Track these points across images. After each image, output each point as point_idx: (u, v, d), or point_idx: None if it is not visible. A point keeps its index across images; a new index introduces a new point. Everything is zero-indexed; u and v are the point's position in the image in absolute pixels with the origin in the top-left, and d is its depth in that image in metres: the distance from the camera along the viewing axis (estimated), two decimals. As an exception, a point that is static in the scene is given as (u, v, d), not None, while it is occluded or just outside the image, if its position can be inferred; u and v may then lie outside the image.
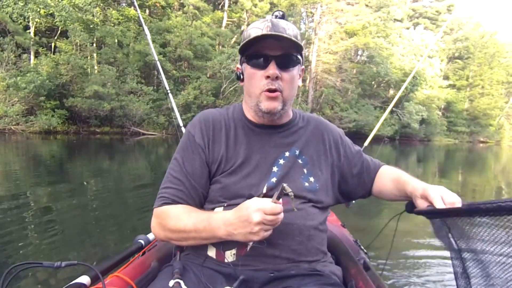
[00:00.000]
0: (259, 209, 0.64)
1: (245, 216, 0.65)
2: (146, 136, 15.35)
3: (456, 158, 15.33)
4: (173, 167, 0.82)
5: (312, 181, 0.82)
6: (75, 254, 2.13)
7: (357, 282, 0.84)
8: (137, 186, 4.72)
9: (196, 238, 0.73)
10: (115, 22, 16.42)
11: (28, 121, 12.68)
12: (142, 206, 3.46)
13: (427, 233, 3.02)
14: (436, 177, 7.91)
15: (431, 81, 30.39)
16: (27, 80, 12.20)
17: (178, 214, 0.76)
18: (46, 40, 15.14)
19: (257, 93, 0.78)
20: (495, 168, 11.46)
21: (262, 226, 0.64)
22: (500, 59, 36.94)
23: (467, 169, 10.65)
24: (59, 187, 4.21)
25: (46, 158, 7.22)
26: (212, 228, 0.71)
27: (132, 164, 7.38)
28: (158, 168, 6.91)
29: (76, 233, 2.59)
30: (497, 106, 36.04)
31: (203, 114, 0.87)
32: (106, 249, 2.27)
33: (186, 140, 0.84)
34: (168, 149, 11.95)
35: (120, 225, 2.88)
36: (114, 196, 4.03)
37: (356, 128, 22.46)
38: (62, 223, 2.77)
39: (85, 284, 0.76)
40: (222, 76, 17.02)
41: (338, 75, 24.10)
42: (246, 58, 0.79)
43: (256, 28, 0.76)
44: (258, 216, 0.64)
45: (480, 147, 28.77)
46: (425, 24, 37.58)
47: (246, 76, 0.81)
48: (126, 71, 15.84)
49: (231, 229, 0.68)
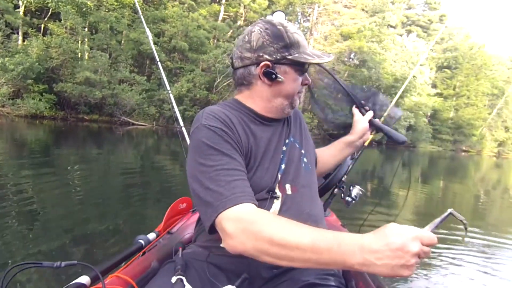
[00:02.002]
0: (417, 237, 0.53)
1: (398, 245, 0.52)
2: (136, 127, 15.11)
3: (440, 165, 15.84)
4: (223, 161, 0.68)
5: (306, 162, 0.88)
6: (72, 253, 2.10)
7: (357, 282, 0.85)
8: (128, 177, 4.64)
9: (311, 260, 0.56)
10: (109, 7, 16.02)
11: (14, 104, 12.31)
12: (135, 200, 3.41)
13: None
14: (419, 182, 8.21)
15: (420, 89, 31.12)
16: (15, 62, 11.80)
17: (281, 222, 0.60)
18: (36, 21, 14.66)
19: (293, 96, 0.83)
20: (475, 176, 11.94)
21: (417, 260, 0.53)
22: (486, 71, 38.11)
23: (449, 176, 11.08)
24: (46, 176, 4.08)
25: (34, 144, 7.06)
26: (343, 252, 0.54)
27: (122, 154, 7.29)
28: (146, 159, 6.88)
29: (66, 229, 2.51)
30: (480, 117, 37.16)
31: (214, 109, 0.79)
32: (97, 245, 2.24)
33: (214, 135, 0.71)
34: (158, 140, 11.83)
35: (113, 219, 2.82)
36: (106, 189, 3.94)
37: (346, 130, 22.76)
38: (52, 221, 2.66)
39: (85, 284, 0.75)
40: (216, 70, 16.89)
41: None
42: (291, 62, 0.78)
43: (299, 36, 0.80)
44: (417, 246, 0.52)
45: (462, 155, 29.53)
46: (417, 32, 38.36)
47: (289, 79, 0.80)
48: (119, 59, 15.52)
49: (373, 258, 0.53)
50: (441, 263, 2.47)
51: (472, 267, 2.47)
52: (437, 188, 7.47)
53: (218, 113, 0.76)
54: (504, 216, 5.07)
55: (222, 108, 0.81)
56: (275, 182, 0.78)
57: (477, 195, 7.17)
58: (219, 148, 0.70)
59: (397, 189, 5.88)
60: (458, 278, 2.25)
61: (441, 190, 7.32)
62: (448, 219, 0.60)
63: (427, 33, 39.70)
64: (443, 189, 7.49)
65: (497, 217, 4.87)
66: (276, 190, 0.78)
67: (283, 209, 0.76)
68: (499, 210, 5.55)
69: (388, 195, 5.32)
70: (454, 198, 6.50)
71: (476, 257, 2.68)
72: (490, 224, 4.08)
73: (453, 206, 4.51)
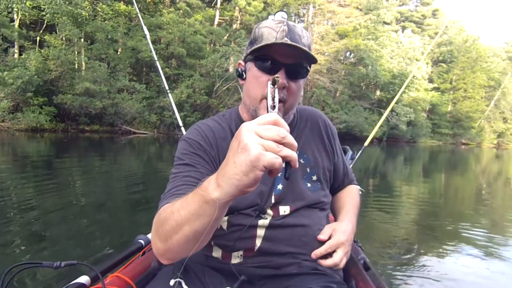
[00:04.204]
0: (246, 125, 0.45)
1: (233, 145, 0.46)
2: (137, 135, 15.07)
3: (440, 159, 15.91)
4: (182, 170, 0.72)
5: (314, 180, 0.81)
6: (72, 253, 2.12)
7: (357, 282, 0.84)
8: (131, 185, 4.64)
9: (184, 220, 0.53)
10: (105, 17, 16.06)
11: (15, 118, 12.29)
12: (137, 205, 3.45)
13: (426, 233, 3.13)
14: (421, 177, 8.27)
15: (418, 84, 31.23)
16: (14, 76, 11.79)
17: (172, 205, 0.60)
18: (33, 34, 14.66)
19: (257, 98, 0.73)
20: (476, 169, 12.05)
21: (259, 146, 0.42)
22: (482, 63, 38.27)
23: (450, 170, 11.25)
24: (49, 185, 4.10)
25: (36, 157, 7.06)
26: (201, 189, 0.51)
27: (126, 164, 7.31)
28: (148, 167, 6.88)
29: (70, 232, 2.56)
30: (478, 109, 37.27)
31: (201, 123, 0.81)
32: (98, 246, 2.25)
33: (189, 147, 0.75)
34: (159, 148, 11.84)
35: (116, 223, 2.87)
36: (108, 196, 3.98)
37: (347, 129, 22.80)
38: (53, 222, 2.72)
39: (85, 284, 0.75)
40: (215, 75, 16.89)
41: (329, 76, 24.42)
42: (254, 57, 0.72)
43: (270, 28, 0.70)
44: (248, 126, 0.44)
45: (462, 149, 29.65)
46: (412, 28, 38.53)
47: (250, 76, 0.74)
48: (118, 68, 15.52)
49: (223, 173, 0.47)
50: (442, 259, 2.47)
51: (474, 261, 2.47)
52: (439, 182, 7.53)
53: (201, 126, 0.79)
54: (506, 208, 5.06)
55: (213, 120, 0.82)
56: (266, 203, 0.75)
57: (478, 187, 7.24)
58: (184, 159, 0.73)
59: (398, 186, 5.91)
60: (459, 272, 2.24)
61: (443, 184, 7.37)
62: None
63: (421, 28, 39.86)
64: (445, 183, 7.56)
65: (499, 209, 4.85)
66: (267, 211, 0.75)
67: (272, 227, 0.74)
68: (501, 202, 5.57)
69: (389, 192, 5.35)
70: (456, 191, 6.54)
71: (477, 250, 2.68)
72: (492, 219, 4.08)
73: (455, 198, 4.56)
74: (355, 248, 1.09)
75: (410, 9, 43.06)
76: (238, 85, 16.56)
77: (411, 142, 29.82)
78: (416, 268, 2.27)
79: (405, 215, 3.91)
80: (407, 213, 4.04)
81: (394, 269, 2.23)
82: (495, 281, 2.19)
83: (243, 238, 0.74)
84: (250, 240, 0.74)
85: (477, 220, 3.83)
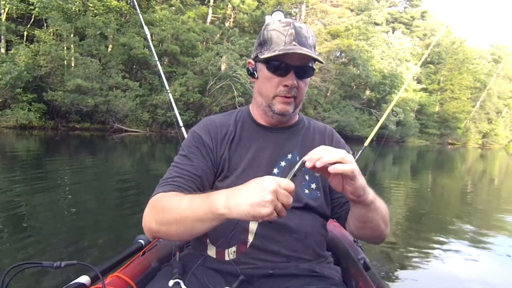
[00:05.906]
0: (275, 179, 0.55)
1: (257, 183, 0.55)
2: (129, 133, 14.85)
3: (428, 158, 16.30)
4: (180, 161, 0.79)
5: (313, 188, 0.81)
6: (72, 253, 2.10)
7: (357, 282, 0.84)
8: (124, 185, 4.58)
9: (190, 216, 0.61)
10: (96, 12, 15.78)
11: (3, 114, 11.99)
12: (131, 205, 3.41)
13: (426, 233, 3.17)
14: (409, 176, 8.52)
15: (407, 84, 31.83)
16: (2, 71, 11.50)
17: (176, 194, 0.68)
18: (21, 28, 14.29)
19: (270, 96, 0.79)
20: (461, 168, 12.46)
21: (274, 198, 0.53)
22: (468, 65, 39.24)
23: (437, 169, 11.58)
24: (40, 184, 4.02)
25: (26, 155, 6.93)
26: (210, 200, 0.59)
27: (118, 163, 7.17)
28: (141, 165, 6.82)
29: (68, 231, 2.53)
30: (464, 110, 38.23)
31: (209, 118, 0.87)
32: (97, 246, 2.25)
33: (191, 140, 0.82)
34: (152, 147, 11.72)
35: (113, 223, 2.85)
36: (102, 195, 3.93)
37: (338, 128, 23.09)
38: (51, 222, 2.71)
39: (85, 284, 0.75)
40: (209, 73, 16.79)
41: (321, 76, 24.66)
42: (264, 60, 0.77)
43: (278, 32, 0.74)
44: (274, 184, 0.54)
45: (449, 148, 30.23)
46: (401, 29, 39.21)
47: (262, 77, 0.79)
48: (110, 65, 15.28)
49: (234, 197, 0.56)
50: (442, 263, 2.50)
51: (473, 260, 2.52)
52: (426, 181, 7.77)
53: (208, 121, 0.86)
54: (490, 204, 5.23)
55: (222, 115, 0.88)
56: None
57: (464, 185, 7.48)
58: (185, 150, 0.81)
59: (387, 185, 6.07)
60: (459, 271, 2.28)
61: (430, 182, 7.62)
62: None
63: (410, 30, 40.56)
64: (432, 182, 7.81)
65: (484, 206, 5.03)
66: None
67: (264, 223, 0.73)
68: (486, 199, 5.73)
69: (387, 191, 5.50)
70: (443, 189, 6.77)
71: (477, 249, 2.74)
72: (478, 214, 4.25)
73: (442, 197, 4.62)
74: (355, 248, 1.08)
75: (399, 11, 43.74)
76: (232, 84, 16.58)
77: (400, 142, 30.37)
78: (417, 268, 2.29)
79: (404, 214, 3.96)
80: (405, 212, 4.10)
81: (394, 269, 2.23)
82: (495, 278, 2.20)
83: (236, 232, 0.75)
84: (242, 234, 0.75)
85: (475, 220, 3.89)
